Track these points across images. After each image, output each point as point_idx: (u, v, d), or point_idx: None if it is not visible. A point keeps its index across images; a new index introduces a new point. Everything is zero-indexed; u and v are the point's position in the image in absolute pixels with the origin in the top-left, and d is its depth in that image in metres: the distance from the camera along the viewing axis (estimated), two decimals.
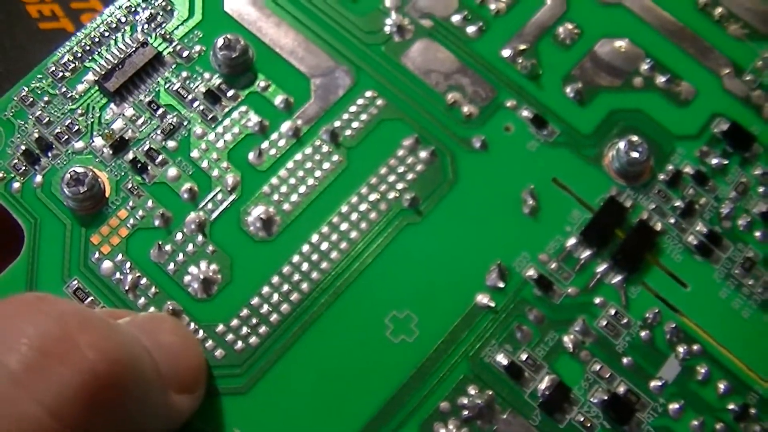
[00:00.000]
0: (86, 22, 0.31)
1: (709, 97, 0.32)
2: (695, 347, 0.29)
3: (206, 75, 0.31)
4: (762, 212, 0.30)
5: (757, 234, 0.30)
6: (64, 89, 0.30)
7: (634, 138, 0.30)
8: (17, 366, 0.21)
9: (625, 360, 0.28)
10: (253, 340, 0.28)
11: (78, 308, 0.24)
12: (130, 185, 0.29)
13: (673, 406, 0.28)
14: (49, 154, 0.29)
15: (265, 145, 0.30)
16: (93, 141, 0.30)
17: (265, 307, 0.28)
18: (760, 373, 0.29)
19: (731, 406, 0.28)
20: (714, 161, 0.31)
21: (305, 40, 0.31)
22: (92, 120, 0.30)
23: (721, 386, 0.28)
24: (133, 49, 0.30)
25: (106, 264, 0.28)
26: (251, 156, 0.30)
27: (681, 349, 0.28)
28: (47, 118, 0.30)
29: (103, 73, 0.30)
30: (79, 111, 0.30)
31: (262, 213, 0.29)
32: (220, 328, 0.28)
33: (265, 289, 0.28)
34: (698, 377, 0.28)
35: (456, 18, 0.32)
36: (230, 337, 0.28)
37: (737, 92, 0.32)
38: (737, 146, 0.31)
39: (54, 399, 0.21)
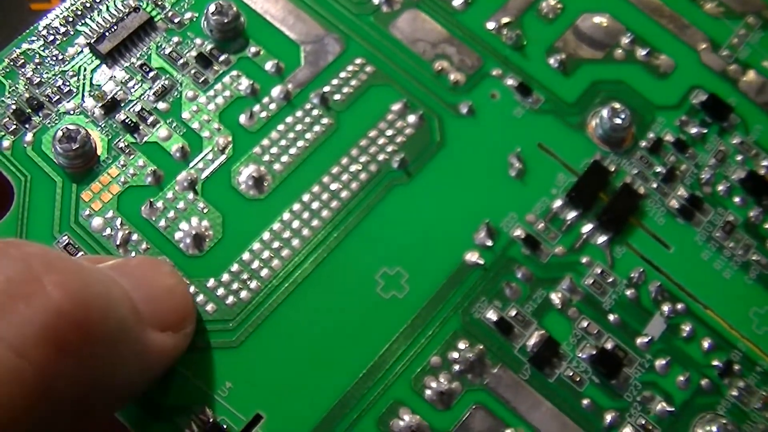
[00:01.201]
0: None
1: (687, 70, 0.33)
2: (679, 306, 0.29)
3: (198, 41, 0.31)
4: (741, 179, 0.31)
5: (737, 199, 0.31)
6: (55, 52, 0.30)
7: (617, 105, 0.31)
8: None
9: (611, 317, 0.29)
10: (244, 294, 0.28)
11: (46, 250, 0.23)
12: (121, 144, 0.29)
13: (660, 362, 0.28)
14: (40, 114, 0.29)
15: (256, 107, 0.30)
16: (84, 102, 0.30)
17: (256, 263, 0.28)
18: (742, 331, 0.29)
19: (715, 363, 0.29)
20: (693, 130, 0.32)
21: (295, 8, 0.32)
22: (84, 81, 0.30)
23: (705, 344, 0.29)
24: (126, 13, 0.31)
25: (97, 220, 0.28)
26: (242, 118, 0.30)
27: (666, 308, 0.29)
28: (38, 79, 0.30)
29: (95, 36, 0.30)
30: (71, 72, 0.30)
31: (254, 172, 0.29)
32: (211, 282, 0.28)
33: (257, 246, 0.28)
34: (683, 335, 0.29)
35: None
36: (221, 291, 0.28)
37: (714, 66, 0.33)
38: (716, 117, 0.32)
39: (17, 336, 0.20)
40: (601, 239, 0.30)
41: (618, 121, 0.31)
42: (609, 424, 0.27)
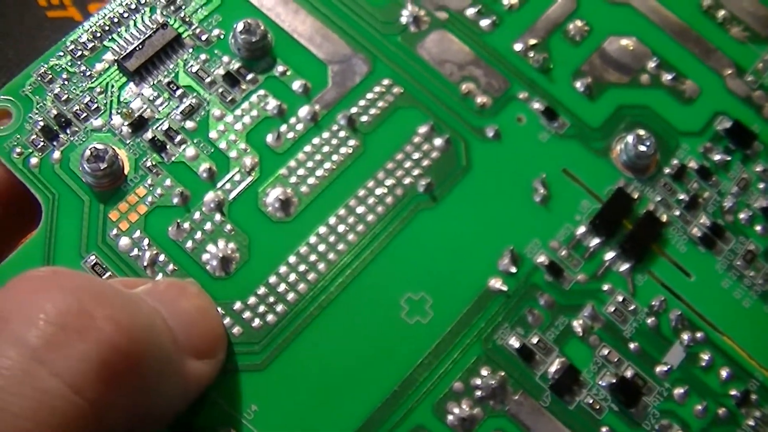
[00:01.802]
0: (93, 11, 0.32)
1: (712, 95, 0.33)
2: (699, 335, 0.29)
3: (225, 59, 0.31)
4: (763, 207, 0.31)
5: (758, 228, 0.31)
6: (83, 68, 0.30)
7: (642, 132, 0.31)
8: (36, 341, 0.21)
9: (632, 345, 0.29)
10: (270, 318, 0.28)
11: (93, 281, 0.24)
12: (149, 163, 0.29)
13: (678, 390, 0.29)
14: (68, 131, 0.29)
15: (283, 128, 0.30)
16: (111, 119, 0.30)
17: (282, 286, 0.28)
18: (760, 360, 0.30)
19: (733, 392, 0.29)
20: (717, 157, 0.32)
21: (323, 27, 0.32)
22: (111, 99, 0.30)
23: (724, 373, 0.29)
24: (153, 30, 0.31)
25: (124, 240, 0.28)
26: (269, 138, 0.30)
27: (685, 336, 0.29)
28: (66, 96, 0.30)
29: (122, 53, 0.30)
30: (98, 89, 0.30)
31: (281, 194, 0.29)
32: (238, 305, 0.28)
33: (283, 269, 0.28)
34: (702, 363, 0.29)
35: (470, 11, 0.33)
36: (247, 314, 0.28)
37: (739, 92, 0.33)
38: (739, 144, 0.32)
39: (74, 373, 0.21)
40: (624, 267, 0.30)
41: (643, 148, 0.31)
42: None
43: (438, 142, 0.31)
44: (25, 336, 0.21)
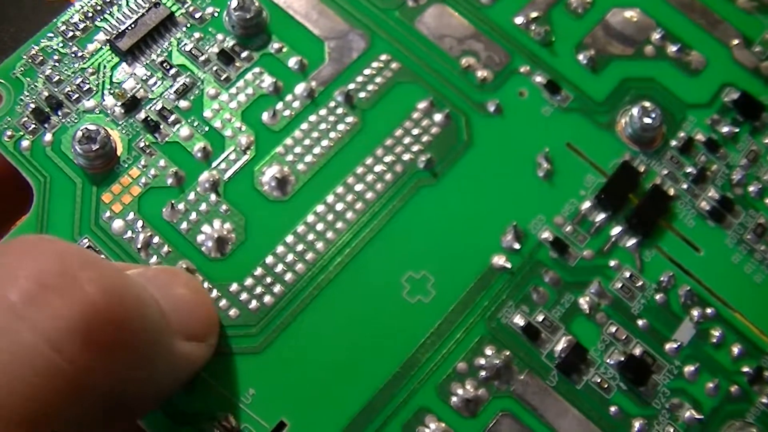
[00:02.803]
0: None
1: (719, 67, 0.32)
2: (709, 311, 0.29)
3: (219, 36, 0.30)
4: None
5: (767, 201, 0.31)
6: (74, 48, 0.30)
7: (647, 104, 0.30)
8: (16, 298, 0.21)
9: (640, 322, 0.28)
10: (267, 299, 0.27)
11: (81, 249, 0.24)
12: (142, 144, 0.29)
13: (689, 368, 0.28)
14: (59, 113, 0.29)
15: (279, 105, 0.29)
16: (104, 100, 0.29)
17: (280, 267, 0.28)
18: None
19: (745, 369, 0.28)
20: (725, 129, 0.31)
21: (319, 3, 0.31)
22: (103, 79, 0.29)
23: (735, 349, 0.28)
24: (146, 9, 0.30)
25: (118, 222, 0.28)
26: (265, 116, 0.29)
27: (695, 312, 0.28)
28: (57, 77, 0.29)
29: (114, 32, 0.30)
30: (90, 70, 0.30)
31: (277, 173, 0.28)
32: (234, 287, 0.27)
33: (280, 249, 0.28)
34: (713, 340, 0.28)
35: None
36: (244, 296, 0.27)
37: (746, 63, 0.32)
38: (747, 115, 0.31)
39: (52, 330, 0.20)
40: (631, 242, 0.29)
41: (648, 120, 0.30)
42: (638, 431, 0.27)
43: (438, 117, 0.30)
44: (5, 292, 0.21)
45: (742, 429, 0.27)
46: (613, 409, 0.27)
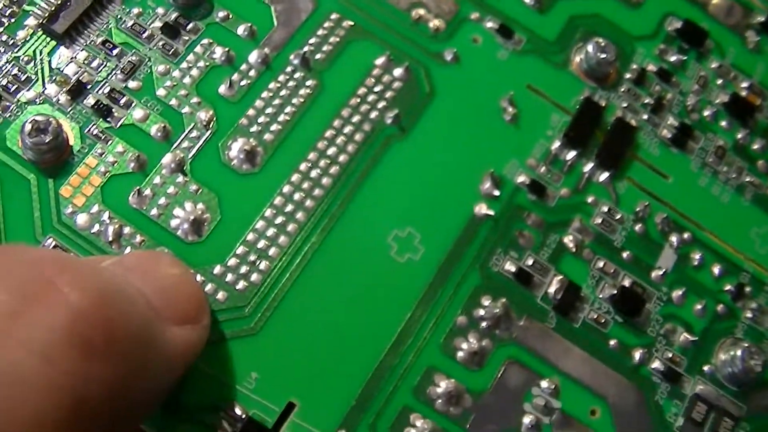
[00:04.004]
0: None
1: None
2: (686, 235, 0.29)
3: (160, 10, 0.28)
4: (724, 102, 0.31)
5: (723, 123, 0.31)
6: (4, 37, 0.27)
7: (600, 40, 0.30)
8: None
9: (624, 254, 0.29)
10: (254, 277, 0.26)
11: (54, 252, 0.22)
12: (95, 131, 0.27)
13: (676, 293, 0.28)
14: None
15: (235, 76, 0.28)
16: (46, 88, 0.27)
17: (262, 242, 0.26)
18: (747, 252, 0.30)
19: (728, 287, 0.29)
20: (673, 58, 0.32)
21: None
22: (42, 66, 0.27)
23: (716, 269, 0.29)
24: None
25: (82, 217, 0.26)
26: (222, 88, 0.28)
27: (674, 238, 0.29)
28: None
29: (46, 15, 0.28)
30: (25, 58, 0.27)
31: (244, 145, 0.27)
32: (218, 269, 0.26)
33: (259, 224, 0.27)
34: (694, 263, 0.29)
35: None
36: (230, 277, 0.26)
37: None
38: (692, 42, 0.32)
39: (42, 342, 0.19)
40: (603, 176, 0.29)
41: (604, 55, 0.30)
42: (638, 361, 0.27)
43: (398, 72, 0.29)
44: None
45: (735, 345, 0.28)
46: (612, 342, 0.27)
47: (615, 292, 0.28)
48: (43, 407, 0.19)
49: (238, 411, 0.24)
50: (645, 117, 0.30)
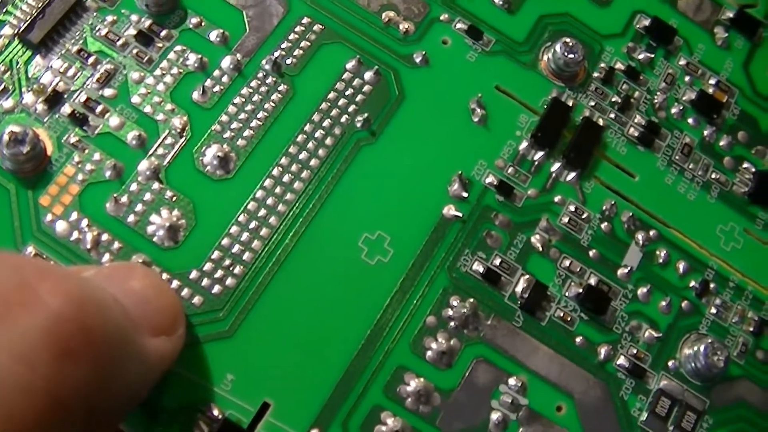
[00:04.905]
0: None
1: None
2: (651, 233, 0.30)
3: (134, 18, 0.29)
4: (691, 99, 0.32)
5: (690, 120, 0.32)
6: None
7: (568, 40, 0.31)
8: None
9: (591, 253, 0.29)
10: (229, 281, 0.27)
11: (35, 260, 0.23)
12: (72, 139, 0.27)
13: (642, 290, 0.29)
14: None
15: (208, 82, 0.29)
16: (23, 98, 0.28)
17: (237, 247, 0.27)
18: (712, 249, 0.30)
19: (692, 284, 0.30)
20: (641, 56, 0.32)
21: None
22: (18, 76, 0.28)
23: (681, 266, 0.30)
24: None
25: (61, 225, 0.26)
26: (195, 95, 0.28)
27: (640, 236, 0.30)
28: None
29: (21, 25, 0.28)
30: (2, 68, 0.28)
31: (218, 151, 0.28)
32: (194, 274, 0.27)
33: (234, 228, 0.27)
34: (659, 261, 0.30)
35: None
36: (206, 281, 0.27)
37: None
38: (660, 40, 0.32)
39: (21, 346, 0.20)
40: (570, 176, 0.30)
41: (572, 55, 0.30)
42: (604, 357, 0.28)
43: (368, 75, 0.30)
44: None
45: (699, 341, 0.29)
46: (578, 339, 0.28)
47: (581, 290, 0.28)
48: (21, 409, 0.19)
49: (215, 412, 0.25)
50: (612, 116, 0.31)
